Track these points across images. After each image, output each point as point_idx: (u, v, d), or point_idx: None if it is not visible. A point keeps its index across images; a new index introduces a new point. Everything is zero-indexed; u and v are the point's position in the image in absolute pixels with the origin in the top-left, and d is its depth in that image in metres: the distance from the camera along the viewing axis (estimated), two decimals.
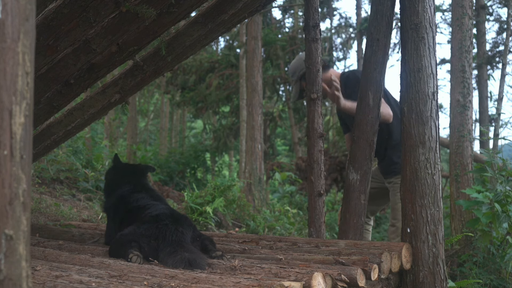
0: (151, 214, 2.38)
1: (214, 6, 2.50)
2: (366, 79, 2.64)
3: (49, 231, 3.22)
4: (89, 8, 1.98)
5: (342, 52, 13.16)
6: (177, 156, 11.59)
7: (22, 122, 0.80)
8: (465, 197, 4.36)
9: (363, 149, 2.64)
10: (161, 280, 1.64)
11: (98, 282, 1.64)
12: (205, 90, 10.45)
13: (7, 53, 0.78)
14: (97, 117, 3.38)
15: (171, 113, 17.54)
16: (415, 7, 2.33)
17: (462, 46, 4.81)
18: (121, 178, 2.85)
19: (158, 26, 2.35)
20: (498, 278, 3.55)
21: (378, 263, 2.00)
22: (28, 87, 0.81)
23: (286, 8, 12.00)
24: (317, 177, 2.71)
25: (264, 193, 8.01)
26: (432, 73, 2.32)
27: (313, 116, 2.74)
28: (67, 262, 2.09)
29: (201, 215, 5.13)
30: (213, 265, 1.98)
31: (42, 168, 5.94)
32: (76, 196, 5.75)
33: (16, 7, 0.79)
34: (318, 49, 2.75)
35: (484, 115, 7.80)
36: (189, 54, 3.03)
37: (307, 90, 2.78)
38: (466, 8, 4.83)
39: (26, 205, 0.80)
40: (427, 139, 2.29)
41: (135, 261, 2.03)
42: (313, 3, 2.75)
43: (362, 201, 2.64)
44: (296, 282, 1.63)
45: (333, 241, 2.45)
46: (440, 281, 2.23)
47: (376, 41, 2.61)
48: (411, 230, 2.27)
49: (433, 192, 2.28)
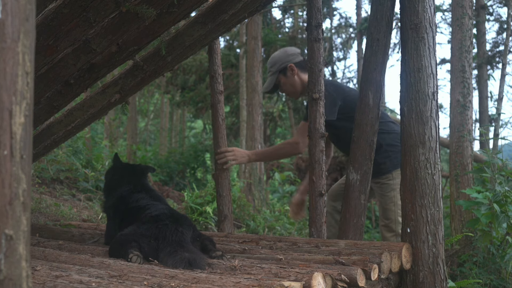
0: (151, 214, 2.38)
1: (214, 6, 2.50)
2: (366, 79, 2.64)
3: (49, 231, 3.22)
4: (89, 8, 1.98)
5: (342, 52, 13.16)
6: (177, 156, 11.59)
7: (22, 122, 0.80)
8: (465, 197, 4.36)
9: (363, 149, 2.64)
10: (161, 280, 1.64)
11: (98, 282, 1.64)
12: (205, 90, 10.45)
13: (7, 53, 0.78)
14: (97, 117, 3.38)
15: (171, 113, 17.53)
16: (415, 7, 2.33)
17: (462, 46, 4.81)
18: (121, 178, 2.85)
19: (158, 26, 2.35)
20: (498, 278, 3.55)
21: (378, 263, 2.00)
22: (28, 87, 0.81)
23: (286, 8, 11.99)
24: (319, 177, 2.71)
25: (264, 193, 8.01)
26: (432, 73, 2.32)
27: (315, 116, 2.74)
28: (67, 262, 2.09)
29: (201, 215, 5.13)
30: (213, 265, 1.98)
31: (42, 168, 5.94)
32: (76, 196, 5.75)
33: (16, 7, 0.79)
34: (320, 49, 2.75)
35: (484, 115, 7.80)
36: (189, 54, 3.03)
37: (309, 90, 2.77)
38: (466, 8, 4.83)
39: (26, 205, 0.80)
40: (427, 139, 2.29)
41: (135, 261, 2.03)
42: (316, 3, 2.74)
43: (362, 201, 2.64)
44: (296, 282, 1.63)
45: (333, 241, 2.45)
46: (440, 281, 2.24)
47: (376, 41, 2.61)
48: (411, 230, 2.27)
49: (433, 192, 2.28)
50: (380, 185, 3.18)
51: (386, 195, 3.16)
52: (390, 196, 3.13)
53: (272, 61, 3.33)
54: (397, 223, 3.09)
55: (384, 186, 3.17)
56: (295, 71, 3.28)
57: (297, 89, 3.34)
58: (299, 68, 3.29)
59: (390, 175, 3.13)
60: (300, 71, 3.29)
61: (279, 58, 3.31)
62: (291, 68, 3.28)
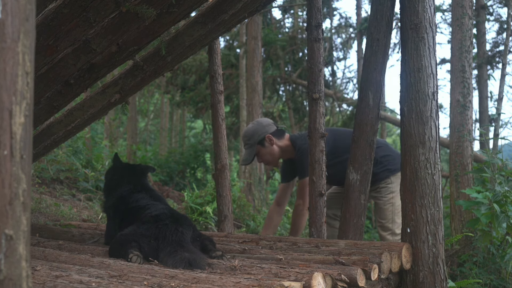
0: (151, 214, 2.38)
1: (214, 6, 2.50)
2: (366, 79, 2.65)
3: (49, 231, 3.22)
4: (89, 8, 1.98)
5: (342, 52, 13.16)
6: (177, 156, 11.57)
7: (22, 122, 0.80)
8: (465, 197, 4.36)
9: (363, 149, 2.64)
10: (161, 280, 1.64)
11: (98, 282, 1.64)
12: (205, 90, 10.45)
13: (7, 53, 0.78)
14: (97, 117, 3.38)
15: (171, 113, 17.52)
16: (415, 7, 2.33)
17: (462, 46, 4.81)
18: (121, 178, 2.85)
19: (158, 26, 2.35)
20: (498, 278, 3.55)
21: (378, 263, 2.00)
22: (28, 87, 0.81)
23: (286, 8, 11.99)
24: (319, 177, 2.72)
25: (264, 193, 8.01)
26: (432, 73, 2.32)
27: (315, 116, 2.74)
28: (67, 262, 2.09)
29: (201, 215, 5.13)
30: (213, 265, 1.98)
31: (42, 168, 5.94)
32: (76, 196, 5.75)
33: (16, 7, 0.79)
34: (320, 49, 2.75)
35: (484, 115, 7.79)
36: (189, 54, 3.03)
37: (309, 90, 2.78)
38: (466, 8, 4.83)
39: (26, 205, 0.80)
40: (427, 139, 2.29)
41: (135, 261, 2.03)
42: (316, 3, 2.75)
43: (362, 201, 2.64)
44: (296, 282, 1.63)
45: (333, 241, 2.45)
46: (440, 281, 2.23)
47: (376, 41, 2.61)
48: (411, 230, 2.27)
49: (433, 192, 2.28)
50: (379, 189, 3.27)
51: (385, 197, 3.25)
52: (389, 197, 3.22)
53: (248, 134, 3.42)
54: (393, 222, 3.19)
55: (383, 189, 3.26)
56: (273, 140, 3.39)
57: (276, 157, 3.45)
58: (276, 137, 3.40)
59: (389, 180, 3.24)
60: (277, 139, 3.40)
61: (254, 130, 3.41)
62: (269, 139, 3.38)
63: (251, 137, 3.39)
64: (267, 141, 3.38)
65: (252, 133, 3.40)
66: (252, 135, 3.40)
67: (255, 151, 3.41)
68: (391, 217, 3.17)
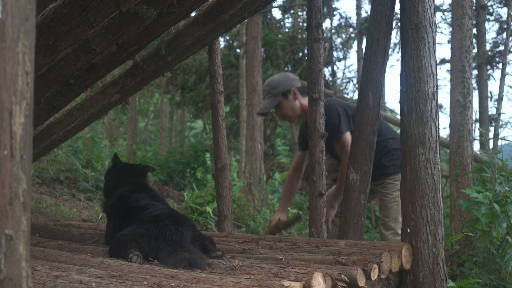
0: (151, 214, 2.38)
1: (214, 6, 2.50)
2: (366, 79, 2.65)
3: (49, 231, 3.22)
4: (89, 8, 1.98)
5: (342, 52, 13.16)
6: (177, 156, 11.57)
7: (22, 122, 0.80)
8: (465, 197, 4.35)
9: (363, 149, 2.64)
10: (161, 280, 1.64)
11: (98, 282, 1.64)
12: (205, 90, 10.45)
13: (7, 53, 0.78)
14: (97, 117, 3.38)
15: (171, 113, 17.52)
16: (415, 7, 2.33)
17: (462, 46, 4.81)
18: (121, 178, 2.85)
19: (158, 26, 2.35)
20: (498, 278, 3.55)
21: (378, 263, 2.00)
22: (28, 87, 0.81)
23: (286, 8, 11.99)
24: (319, 177, 2.72)
25: (264, 193, 8.01)
26: (432, 73, 2.32)
27: (315, 116, 2.74)
28: (67, 262, 2.09)
29: (201, 215, 5.13)
30: (213, 265, 1.98)
31: (42, 168, 5.94)
32: (76, 196, 5.75)
33: (16, 7, 0.79)
34: (320, 49, 2.75)
35: (484, 115, 7.79)
36: (189, 54, 3.03)
37: (309, 90, 2.78)
38: (466, 8, 4.83)
39: (26, 205, 0.80)
40: (427, 139, 2.29)
41: (135, 261, 2.03)
42: (316, 3, 2.75)
43: (362, 201, 2.64)
44: (296, 282, 1.63)
45: (333, 241, 2.45)
46: (440, 281, 2.23)
47: (376, 41, 2.61)
48: (411, 230, 2.27)
49: (433, 192, 2.28)
50: (386, 184, 3.22)
51: (391, 194, 3.21)
52: (395, 195, 3.18)
53: (274, 84, 3.31)
54: (396, 221, 3.15)
55: (389, 186, 3.22)
56: (298, 95, 3.30)
57: (296, 113, 3.35)
58: (301, 93, 3.31)
59: (397, 176, 3.17)
60: (301, 96, 3.31)
61: (281, 81, 3.31)
62: (293, 92, 3.29)
63: (276, 87, 3.28)
64: (292, 94, 3.27)
65: (278, 83, 3.29)
66: (277, 85, 3.28)
67: (276, 102, 3.28)
68: (395, 216, 3.14)
